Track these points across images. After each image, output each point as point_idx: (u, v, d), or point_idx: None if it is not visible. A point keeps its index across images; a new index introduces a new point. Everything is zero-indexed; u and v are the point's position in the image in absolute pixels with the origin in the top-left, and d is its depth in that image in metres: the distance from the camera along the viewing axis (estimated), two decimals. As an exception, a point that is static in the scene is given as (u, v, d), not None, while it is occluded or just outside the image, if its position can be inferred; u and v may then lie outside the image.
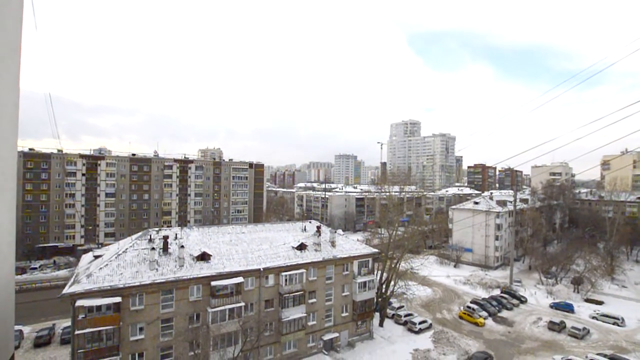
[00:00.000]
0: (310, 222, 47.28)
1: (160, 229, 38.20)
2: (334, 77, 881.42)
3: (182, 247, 32.69)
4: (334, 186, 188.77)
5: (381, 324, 46.59)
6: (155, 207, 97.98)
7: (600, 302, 56.83)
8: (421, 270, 54.66)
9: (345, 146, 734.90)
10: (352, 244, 44.39)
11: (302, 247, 39.32)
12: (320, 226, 44.01)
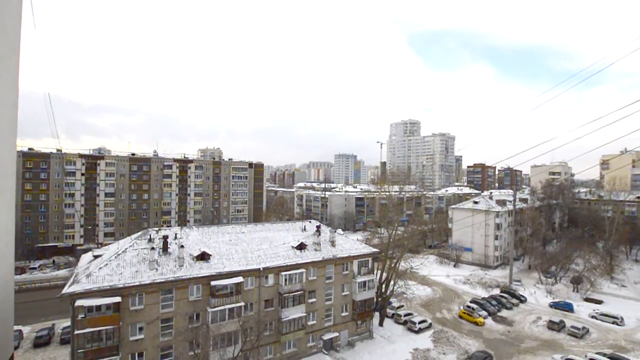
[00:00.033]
0: (310, 222, 47.29)
1: (159, 229, 38.14)
2: (333, 77, 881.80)
3: (182, 246, 32.68)
4: (334, 186, 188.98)
5: (381, 324, 46.63)
6: (154, 207, 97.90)
7: (599, 302, 56.95)
8: (421, 269, 54.67)
9: (345, 146, 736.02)
10: (351, 244, 44.40)
11: (301, 247, 39.33)
12: (320, 226, 43.99)
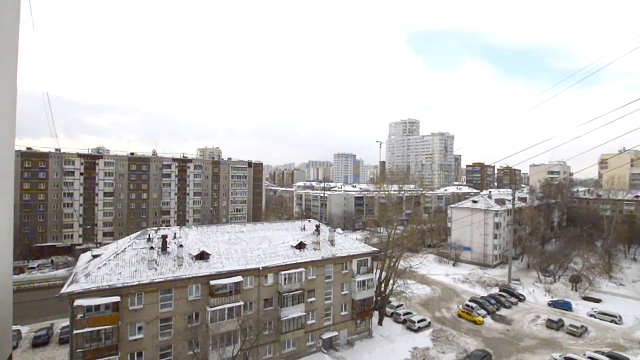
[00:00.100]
0: (309, 221, 47.26)
1: (158, 229, 38.08)
2: (333, 76, 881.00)
3: (181, 246, 32.66)
4: (333, 185, 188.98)
5: (380, 323, 46.70)
6: (153, 207, 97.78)
7: (598, 300, 57.15)
8: (420, 268, 54.69)
9: (344, 145, 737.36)
10: (351, 243, 44.43)
11: (301, 246, 39.34)
12: (319, 225, 43.97)
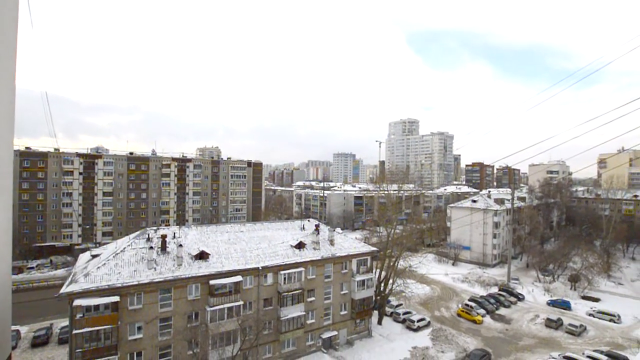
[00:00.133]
0: (308, 221, 47.28)
1: (158, 228, 38.06)
2: (332, 76, 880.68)
3: (181, 246, 32.62)
4: (333, 185, 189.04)
5: (380, 322, 46.74)
6: (153, 206, 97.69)
7: (596, 299, 57.30)
8: (419, 268, 54.73)
9: (343, 145, 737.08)
10: (350, 243, 44.44)
11: (300, 246, 39.34)
12: (318, 225, 43.98)
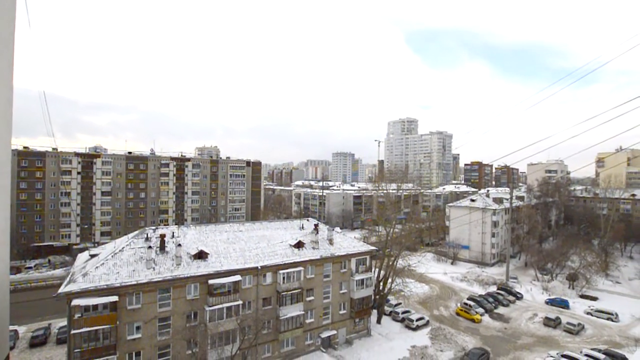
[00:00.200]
0: (307, 220, 47.26)
1: (157, 228, 37.92)
2: (332, 75, 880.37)
3: (179, 245, 32.57)
4: (332, 184, 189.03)
5: (379, 321, 46.80)
6: (151, 206, 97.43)
7: (594, 298, 57.54)
8: (418, 267, 54.88)
9: (342, 144, 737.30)
10: (349, 242, 44.46)
11: (299, 245, 39.34)
12: (317, 224, 43.98)
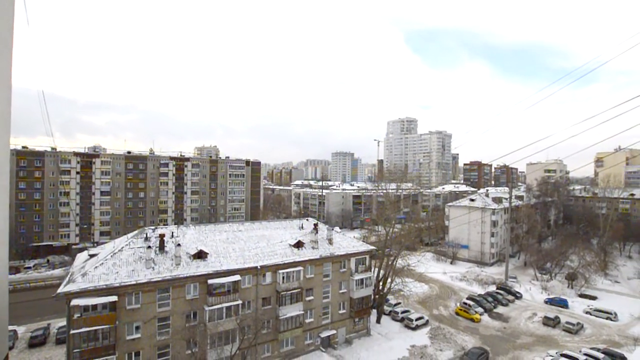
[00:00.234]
0: (307, 220, 47.25)
1: (156, 228, 37.90)
2: (331, 75, 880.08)
3: (179, 245, 32.53)
4: (331, 184, 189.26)
5: (378, 321, 46.83)
6: (151, 206, 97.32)
7: (593, 297, 57.64)
8: (418, 267, 54.87)
9: (342, 144, 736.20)
10: (349, 242, 44.47)
11: (299, 245, 39.32)
12: (317, 224, 43.97)
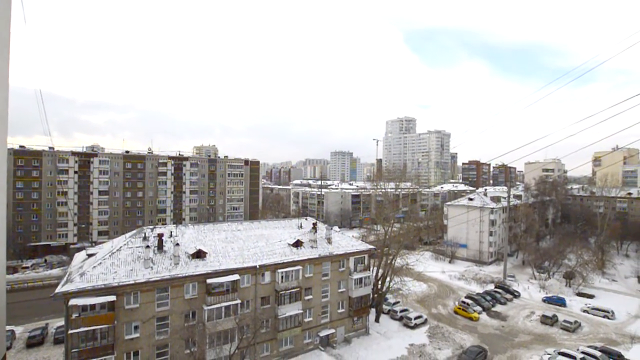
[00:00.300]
0: (306, 219, 47.25)
1: (154, 227, 37.81)
2: (330, 74, 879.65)
3: (177, 245, 32.47)
4: (330, 183, 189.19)
5: (377, 320, 46.90)
6: (149, 205, 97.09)
7: (591, 296, 57.94)
8: (417, 266, 55.01)
9: (341, 143, 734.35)
10: (348, 241, 44.50)
11: (298, 244, 39.34)
12: (316, 223, 44.00)
